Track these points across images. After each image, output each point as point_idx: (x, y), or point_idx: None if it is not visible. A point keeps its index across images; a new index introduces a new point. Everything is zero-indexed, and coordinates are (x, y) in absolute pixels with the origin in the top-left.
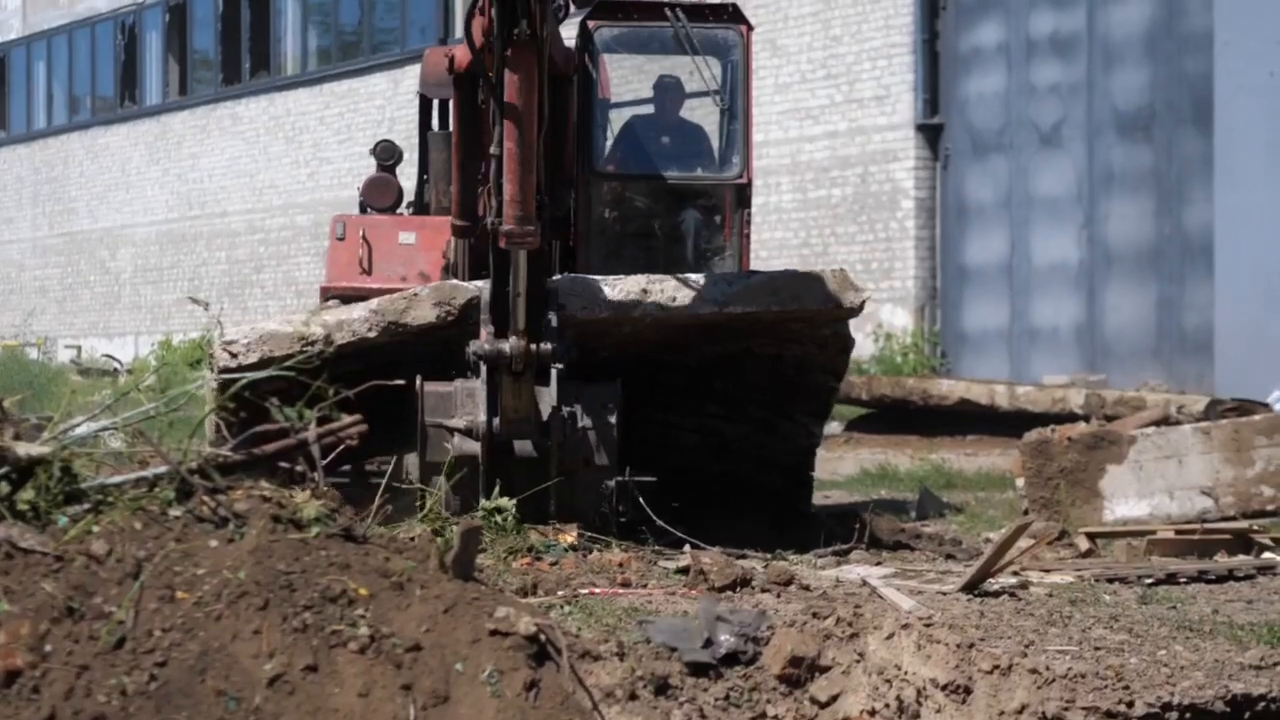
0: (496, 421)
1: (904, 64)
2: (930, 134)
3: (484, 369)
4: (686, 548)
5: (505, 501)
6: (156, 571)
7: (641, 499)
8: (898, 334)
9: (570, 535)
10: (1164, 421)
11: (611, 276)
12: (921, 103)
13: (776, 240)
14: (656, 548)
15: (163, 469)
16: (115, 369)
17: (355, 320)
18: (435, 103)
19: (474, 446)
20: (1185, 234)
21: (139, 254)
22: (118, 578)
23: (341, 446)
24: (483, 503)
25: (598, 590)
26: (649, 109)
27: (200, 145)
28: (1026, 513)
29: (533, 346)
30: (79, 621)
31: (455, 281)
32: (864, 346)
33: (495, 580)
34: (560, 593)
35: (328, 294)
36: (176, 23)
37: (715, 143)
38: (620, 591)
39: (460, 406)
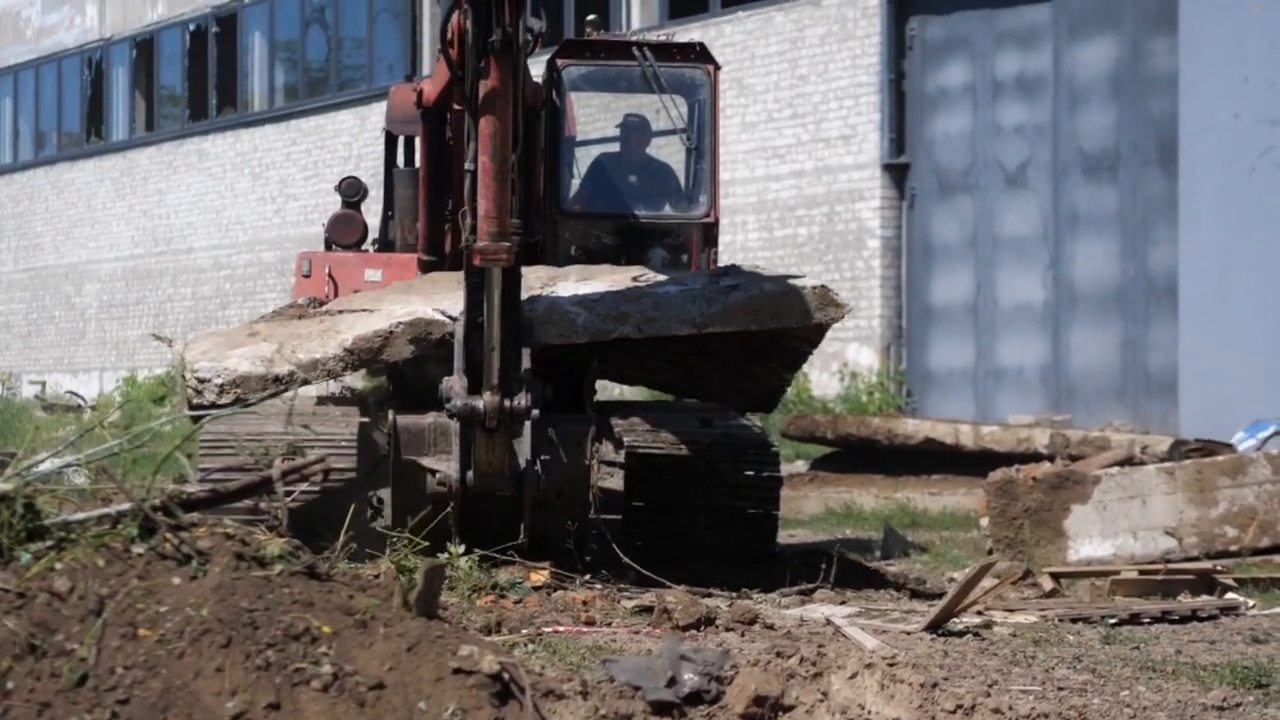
0: (470, 475)
1: (870, 104)
2: (896, 173)
3: (457, 423)
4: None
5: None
6: (119, 609)
7: (609, 536)
8: (863, 373)
9: (542, 575)
10: (1128, 462)
11: (586, 293)
12: (888, 142)
13: None
14: (621, 586)
15: (126, 506)
16: (79, 405)
17: (330, 360)
18: (401, 139)
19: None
20: (1150, 275)
21: (104, 290)
22: (80, 615)
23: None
24: (449, 546)
25: (562, 628)
26: (615, 147)
27: (166, 181)
28: (991, 552)
29: (507, 403)
30: (41, 659)
31: (431, 315)
32: (829, 385)
33: (459, 618)
34: (524, 631)
35: None
36: (143, 59)
37: (682, 181)
38: (584, 630)
39: (433, 445)
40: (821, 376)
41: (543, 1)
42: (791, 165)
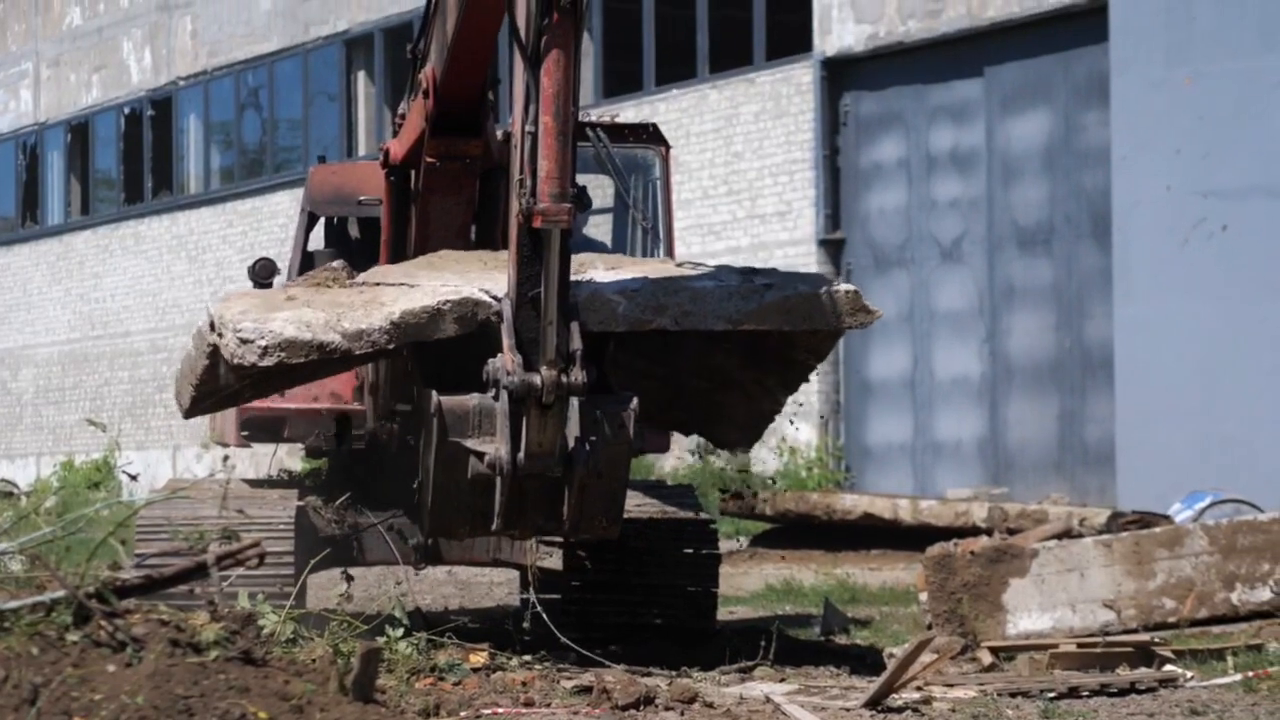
0: (520, 456)
1: (805, 179)
2: (832, 249)
3: (505, 398)
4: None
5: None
6: (54, 697)
7: (546, 617)
8: (802, 448)
9: (480, 656)
10: (1066, 534)
11: (628, 281)
12: (823, 218)
13: None
14: (560, 666)
15: (60, 593)
16: (12, 492)
17: (375, 331)
18: (322, 221)
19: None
20: (1086, 347)
21: (40, 374)
22: (14, 704)
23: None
24: (385, 629)
25: (501, 710)
26: None
27: (103, 265)
28: (930, 627)
29: (563, 378)
30: None
31: (479, 296)
32: (768, 461)
33: (396, 702)
34: (463, 713)
35: (245, 413)
36: (78, 142)
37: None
38: (523, 711)
39: (477, 427)
40: (760, 452)
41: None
42: (727, 241)
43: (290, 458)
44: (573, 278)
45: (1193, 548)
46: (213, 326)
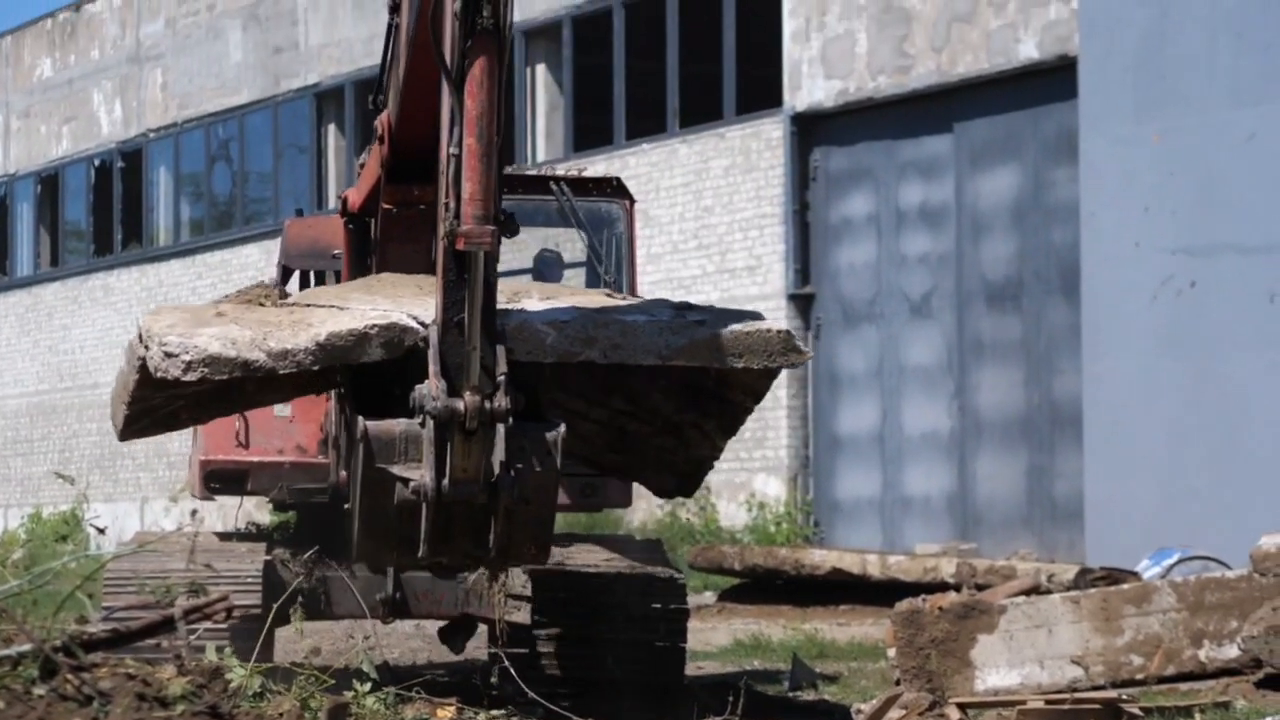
0: (445, 484)
1: (775, 234)
2: (802, 303)
3: (431, 425)
4: None
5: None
6: None
7: (514, 671)
8: (771, 503)
9: (448, 712)
10: (1034, 590)
11: (557, 312)
12: (793, 273)
13: None
14: None
15: (27, 647)
16: None
17: (300, 352)
18: (297, 274)
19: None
20: (1054, 403)
21: (8, 426)
22: None
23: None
24: (354, 683)
25: None
26: (528, 280)
27: (72, 316)
28: (898, 683)
29: (487, 404)
30: None
31: (406, 322)
32: (737, 516)
33: None
34: None
35: (208, 466)
36: (48, 194)
37: None
38: None
39: (403, 453)
40: (729, 507)
41: None
42: (698, 296)
43: (259, 510)
44: (506, 306)
45: (1160, 604)
46: (141, 339)
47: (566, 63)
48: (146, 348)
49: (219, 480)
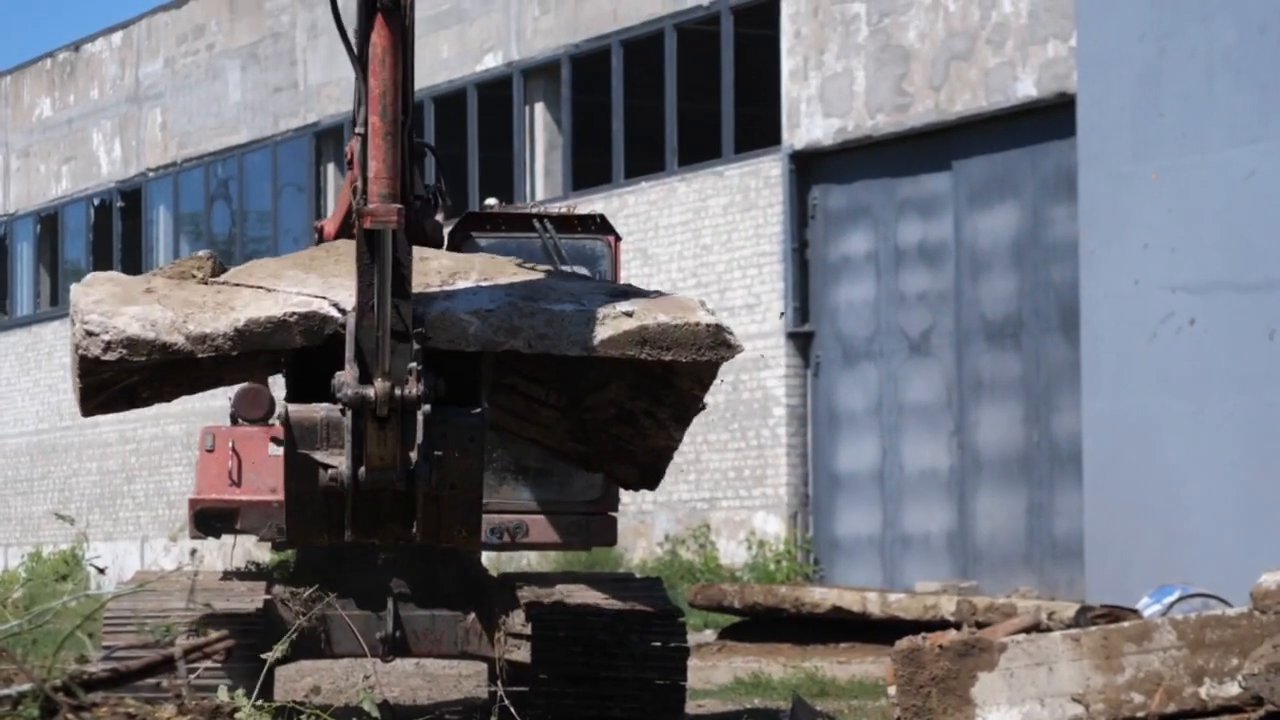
0: (362, 471)
1: (774, 272)
2: (801, 342)
3: (349, 414)
4: None
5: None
6: None
7: (514, 710)
8: (770, 541)
9: None
10: (1034, 628)
11: (484, 300)
12: (792, 311)
13: None
14: None
15: (27, 686)
16: None
17: (218, 337)
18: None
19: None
20: (1054, 441)
21: (8, 465)
22: None
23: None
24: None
25: None
26: None
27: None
28: None
29: (398, 391)
30: None
31: (326, 311)
32: (737, 554)
33: None
34: None
35: (197, 506)
36: (48, 233)
37: None
38: None
39: (325, 439)
40: (729, 545)
41: (447, 174)
42: None
43: (259, 549)
44: (439, 288)
45: (1161, 642)
46: (70, 313)
47: (565, 102)
48: (73, 324)
49: (209, 520)
